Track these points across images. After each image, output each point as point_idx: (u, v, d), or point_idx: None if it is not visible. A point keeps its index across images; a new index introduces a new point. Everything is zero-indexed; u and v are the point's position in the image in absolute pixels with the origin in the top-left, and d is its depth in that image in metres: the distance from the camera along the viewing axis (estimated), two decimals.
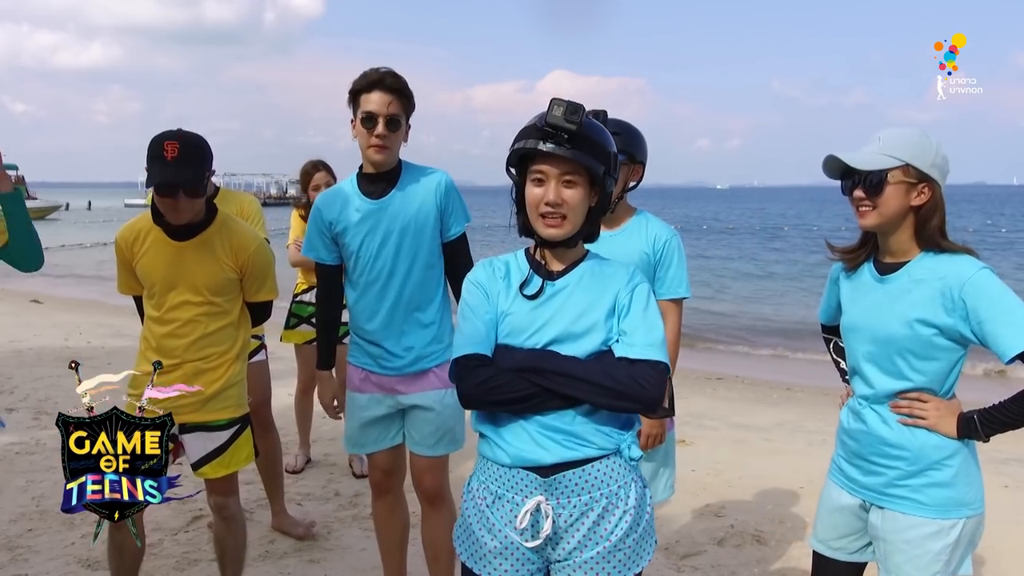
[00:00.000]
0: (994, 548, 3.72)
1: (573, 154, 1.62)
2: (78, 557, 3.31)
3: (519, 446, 1.64)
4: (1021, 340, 1.71)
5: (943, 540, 1.85)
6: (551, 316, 1.67)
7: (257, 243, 2.58)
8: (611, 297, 1.69)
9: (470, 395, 1.66)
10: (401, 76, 2.51)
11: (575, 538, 1.65)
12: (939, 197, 1.86)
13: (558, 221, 1.66)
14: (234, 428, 2.57)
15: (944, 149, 1.87)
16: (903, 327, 1.84)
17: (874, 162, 1.85)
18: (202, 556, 3.35)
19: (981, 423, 1.82)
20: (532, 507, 1.61)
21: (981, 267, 1.80)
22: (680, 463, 5.01)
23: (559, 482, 1.63)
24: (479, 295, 1.74)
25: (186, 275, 2.46)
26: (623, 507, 1.66)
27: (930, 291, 1.82)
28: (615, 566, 1.65)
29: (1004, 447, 5.54)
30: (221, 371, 2.53)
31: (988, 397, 1.98)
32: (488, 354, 1.67)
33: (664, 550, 3.61)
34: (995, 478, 4.82)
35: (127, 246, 2.50)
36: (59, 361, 7.28)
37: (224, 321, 2.53)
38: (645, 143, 2.63)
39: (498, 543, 1.67)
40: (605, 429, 1.65)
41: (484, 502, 1.70)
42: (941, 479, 1.85)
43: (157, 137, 2.35)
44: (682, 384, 7.82)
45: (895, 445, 1.89)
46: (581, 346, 1.65)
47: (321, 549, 3.51)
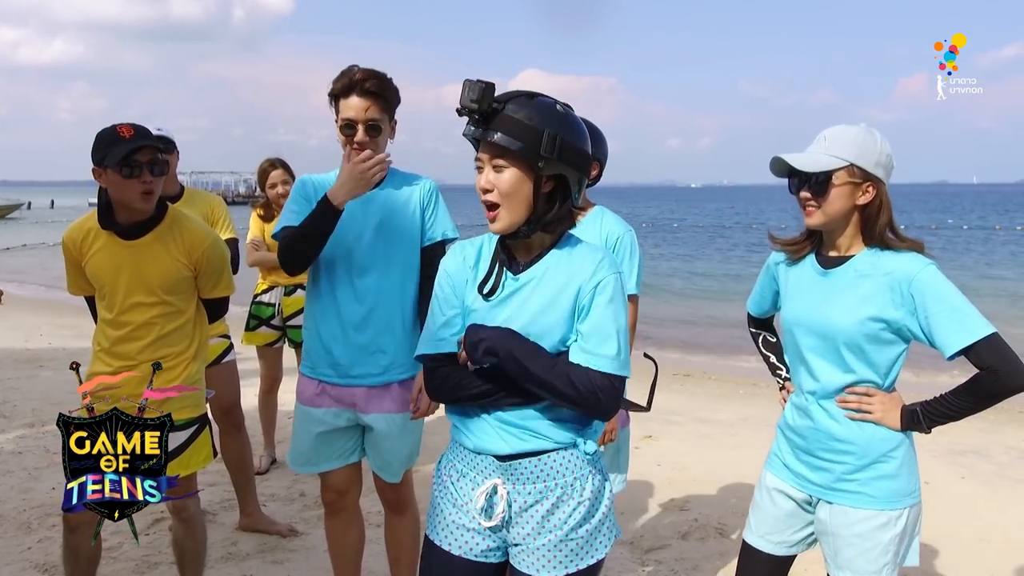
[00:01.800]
0: (951, 539, 3.81)
1: (489, 135, 1.57)
2: (35, 562, 3.25)
3: (480, 436, 1.69)
4: (963, 337, 1.75)
5: (892, 530, 1.88)
6: (509, 315, 1.66)
7: (211, 239, 2.53)
8: (572, 294, 1.64)
9: (439, 394, 1.72)
10: (381, 76, 2.37)
11: (529, 524, 1.68)
12: (884, 195, 1.88)
13: (493, 212, 1.62)
14: (192, 428, 2.52)
15: (889, 147, 1.89)
16: (849, 320, 1.86)
17: (819, 163, 1.86)
18: (162, 559, 3.30)
19: (924, 416, 1.86)
20: (489, 488, 1.67)
21: (928, 263, 1.82)
22: (646, 458, 5.09)
23: (516, 468, 1.67)
24: (448, 288, 1.74)
25: (139, 275, 2.41)
26: (577, 498, 1.68)
27: (877, 286, 1.84)
28: (567, 555, 1.67)
29: (962, 439, 5.68)
30: (178, 371, 2.48)
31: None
32: (450, 351, 1.70)
33: (629, 544, 3.64)
34: (953, 469, 4.94)
35: (75, 246, 2.44)
36: (19, 363, 7.12)
37: (180, 321, 2.49)
38: (603, 141, 2.60)
39: (463, 517, 1.72)
40: (562, 425, 1.67)
41: (450, 479, 1.76)
42: (887, 471, 1.89)
43: (106, 128, 2.32)
44: (647, 379, 7.88)
45: (843, 440, 1.91)
46: (542, 342, 1.64)
47: (285, 550, 3.48)
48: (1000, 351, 1.76)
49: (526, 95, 1.59)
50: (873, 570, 1.89)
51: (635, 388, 2.16)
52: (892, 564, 1.89)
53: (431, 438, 2.78)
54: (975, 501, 4.40)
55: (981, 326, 1.76)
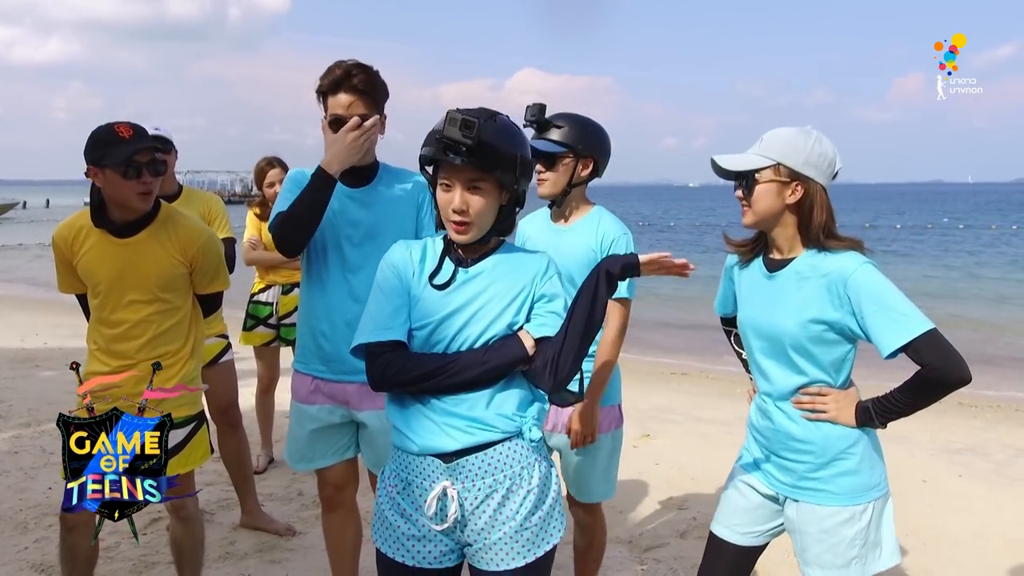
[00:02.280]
0: (948, 537, 3.82)
1: (472, 163, 1.65)
2: (31, 562, 3.24)
3: (425, 435, 1.69)
4: (899, 336, 1.77)
5: (856, 525, 1.90)
6: (462, 303, 1.73)
7: (206, 234, 2.53)
8: (526, 283, 1.75)
9: (379, 380, 1.71)
10: (368, 70, 2.35)
11: (482, 520, 1.69)
12: (816, 195, 1.87)
13: (463, 228, 1.70)
14: (191, 426, 2.53)
15: (826, 147, 1.88)
16: (793, 324, 1.88)
17: (744, 163, 1.90)
18: (160, 559, 3.29)
19: (876, 412, 1.88)
20: (439, 492, 1.67)
21: (863, 262, 1.83)
22: (644, 457, 5.09)
23: (462, 467, 1.68)
24: (393, 278, 1.77)
25: (134, 273, 2.40)
26: (527, 487, 1.71)
27: (816, 288, 1.86)
28: (523, 544, 1.70)
29: (958, 438, 5.70)
30: (176, 369, 2.48)
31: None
32: (396, 338, 1.71)
33: (627, 543, 3.65)
34: (950, 468, 4.95)
35: (66, 245, 2.42)
36: (14, 363, 7.10)
37: (176, 318, 2.48)
38: (597, 135, 2.54)
39: (413, 528, 1.72)
40: (506, 413, 1.71)
41: (395, 489, 1.75)
42: (848, 467, 1.91)
43: (103, 127, 2.30)
44: (646, 379, 7.91)
45: (802, 440, 1.93)
46: (489, 330, 1.71)
47: (283, 549, 3.47)
48: (938, 347, 1.77)
49: (489, 116, 1.68)
50: (840, 564, 1.91)
51: (632, 389, 2.17)
52: (860, 558, 1.91)
53: None
54: (972, 499, 4.40)
55: (916, 324, 1.77)
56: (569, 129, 2.47)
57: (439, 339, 1.72)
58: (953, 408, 6.94)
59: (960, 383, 1.78)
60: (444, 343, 1.72)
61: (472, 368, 1.67)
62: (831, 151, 1.89)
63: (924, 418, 7.04)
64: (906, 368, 1.85)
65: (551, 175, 2.49)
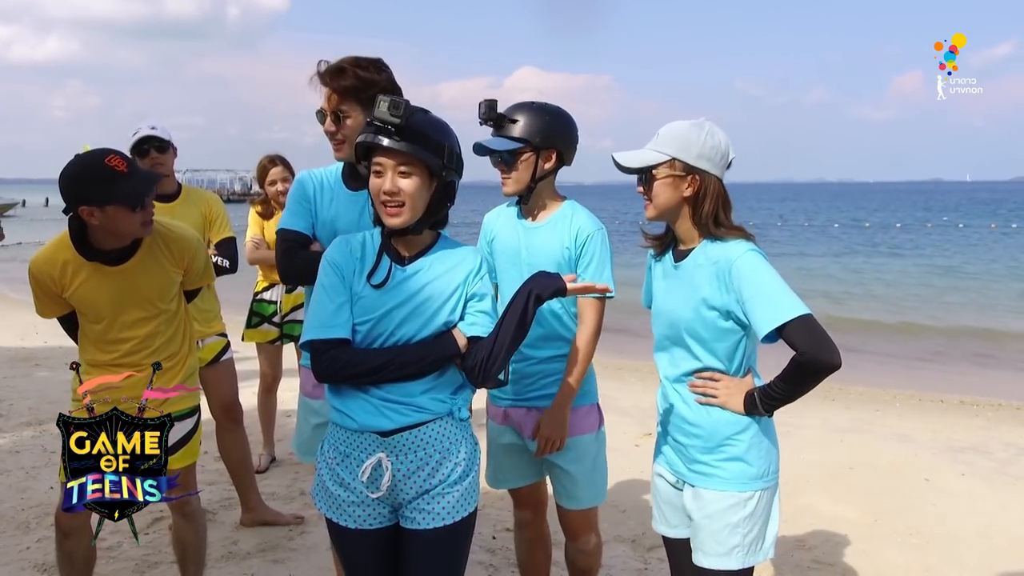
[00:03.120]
0: (952, 536, 3.82)
1: (401, 145, 1.76)
2: (33, 562, 3.23)
3: (364, 416, 1.82)
4: (771, 319, 1.80)
5: (740, 512, 1.93)
6: (400, 301, 1.84)
7: (195, 240, 2.56)
8: (459, 282, 1.88)
9: (326, 375, 1.82)
10: (362, 69, 2.27)
11: (413, 488, 1.85)
12: (710, 186, 1.93)
13: (397, 210, 1.80)
14: (194, 417, 2.58)
15: (720, 140, 1.94)
16: (689, 310, 1.95)
17: (641, 159, 1.96)
18: (162, 558, 3.29)
19: (760, 400, 1.92)
20: (374, 462, 1.81)
21: (747, 249, 1.88)
22: (646, 456, 5.03)
23: (398, 441, 1.82)
24: (334, 277, 1.86)
25: (135, 296, 2.38)
26: (454, 460, 1.87)
27: (707, 275, 1.92)
28: (446, 508, 1.85)
29: (960, 436, 5.70)
30: (179, 367, 2.52)
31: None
32: (342, 336, 1.81)
33: (631, 542, 3.64)
34: (952, 466, 4.94)
35: (52, 280, 2.33)
36: (13, 362, 7.10)
37: (177, 320, 2.52)
38: (556, 123, 2.37)
39: (351, 495, 1.86)
40: (440, 396, 1.85)
41: (334, 461, 1.88)
42: (735, 453, 1.95)
43: (90, 163, 2.18)
44: (647, 377, 7.89)
45: (693, 423, 1.99)
46: (426, 327, 1.84)
47: (286, 549, 3.47)
48: (807, 331, 1.79)
49: (420, 109, 1.82)
50: (722, 551, 1.93)
51: (633, 388, 2.16)
52: (743, 548, 1.93)
53: None
54: (975, 498, 4.40)
55: (788, 308, 1.80)
56: (525, 122, 2.33)
57: (379, 334, 1.83)
58: (955, 407, 6.94)
59: (830, 368, 1.79)
60: (383, 338, 1.83)
61: (411, 365, 1.81)
62: (723, 143, 1.95)
63: (926, 417, 7.07)
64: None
65: (512, 174, 2.37)
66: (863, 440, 5.53)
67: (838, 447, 5.31)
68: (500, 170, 2.40)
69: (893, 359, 9.33)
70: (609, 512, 3.97)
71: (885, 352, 9.63)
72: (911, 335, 10.99)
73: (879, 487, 4.53)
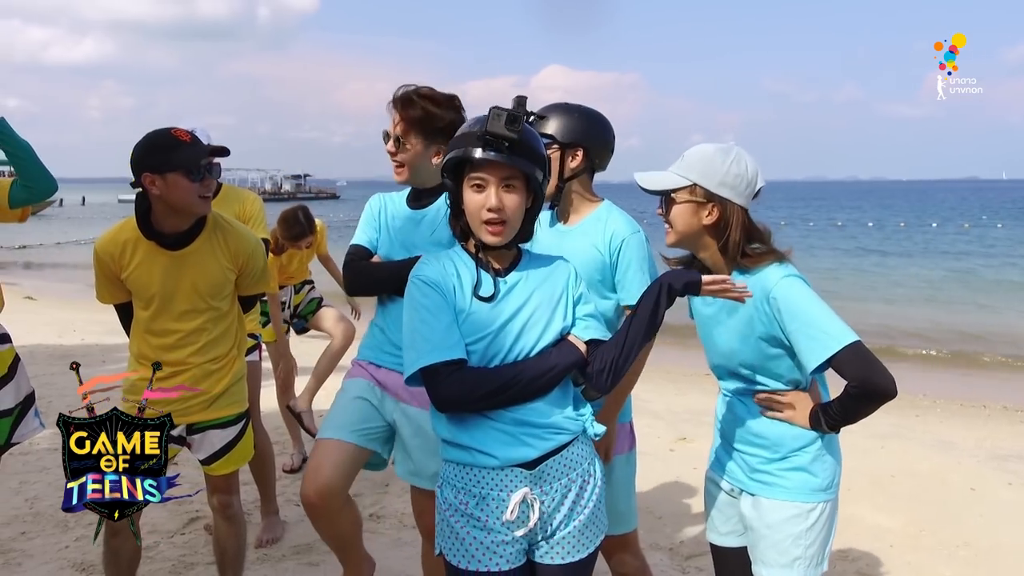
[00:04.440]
0: (1002, 547, 3.70)
1: (514, 161, 1.67)
2: (72, 561, 3.25)
3: (503, 449, 1.68)
4: (818, 352, 1.75)
5: (803, 523, 1.89)
6: (513, 312, 1.73)
7: (255, 242, 2.55)
8: (563, 287, 1.79)
9: (451, 400, 1.69)
10: (430, 102, 2.37)
11: (557, 519, 1.74)
12: (732, 215, 1.85)
13: (500, 228, 1.70)
14: (242, 423, 2.58)
15: (744, 167, 1.85)
16: (737, 342, 1.90)
17: (661, 182, 1.88)
18: (199, 559, 3.29)
19: (824, 418, 1.87)
20: (519, 499, 1.68)
21: (782, 276, 1.81)
22: (682, 461, 5.00)
23: (543, 472, 1.71)
24: (435, 296, 1.72)
25: (187, 284, 2.39)
26: (593, 481, 1.78)
27: (747, 308, 1.85)
28: (588, 537, 1.76)
29: (1006, 443, 5.54)
30: (226, 369, 2.51)
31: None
32: (460, 356, 1.68)
33: (668, 551, 3.57)
34: (998, 475, 4.80)
35: (112, 260, 2.38)
36: (52, 359, 7.21)
37: (226, 322, 2.51)
38: (584, 123, 2.32)
39: (494, 536, 1.71)
40: (570, 413, 1.75)
41: (466, 506, 1.72)
42: (800, 463, 1.91)
43: (158, 133, 2.29)
44: (680, 380, 7.80)
45: (757, 434, 1.95)
46: (544, 337, 1.74)
47: (320, 551, 3.45)
48: (857, 361, 1.74)
49: (515, 102, 1.73)
50: (783, 562, 1.89)
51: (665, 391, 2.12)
52: (805, 560, 1.89)
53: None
54: (1020, 507, 4.26)
55: (834, 339, 1.74)
56: (551, 120, 2.30)
57: (496, 351, 1.71)
58: (998, 413, 6.76)
59: (884, 398, 1.76)
60: (502, 355, 1.71)
61: (540, 377, 1.70)
62: (750, 171, 1.86)
63: (969, 424, 6.91)
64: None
65: None
66: (905, 447, 5.40)
67: (879, 454, 5.18)
68: None
69: (932, 363, 9.13)
70: (645, 519, 3.90)
71: (923, 356, 9.43)
72: (950, 339, 10.74)
73: (923, 496, 4.41)
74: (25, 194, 2.58)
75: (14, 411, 2.59)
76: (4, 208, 2.57)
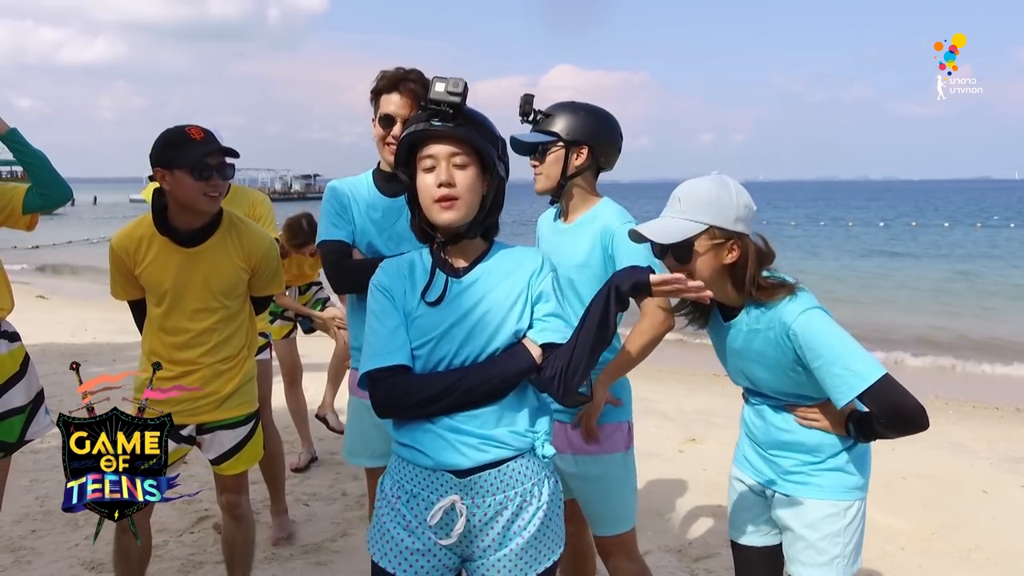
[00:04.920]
0: (1015, 551, 3.66)
1: (460, 131, 1.61)
2: (82, 559, 3.26)
3: (438, 452, 1.62)
4: (846, 391, 1.73)
5: (841, 521, 1.88)
6: (460, 315, 1.65)
7: (268, 243, 2.55)
8: (523, 285, 1.68)
9: (385, 406, 1.64)
10: (423, 78, 2.35)
11: (490, 536, 1.64)
12: (749, 249, 1.81)
13: (451, 203, 1.62)
14: (252, 423, 2.58)
15: (745, 194, 1.81)
16: (760, 371, 1.89)
17: (676, 232, 1.78)
18: (207, 558, 3.30)
19: (857, 431, 1.87)
20: (447, 505, 1.61)
21: (801, 311, 1.76)
22: (690, 462, 4.98)
23: (475, 483, 1.62)
24: (384, 301, 1.69)
25: (200, 282, 2.40)
26: (536, 504, 1.66)
27: (766, 340, 1.83)
28: (527, 561, 1.66)
29: (1018, 445, 5.50)
30: (237, 369, 2.52)
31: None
32: (400, 362, 1.62)
33: (677, 552, 3.55)
34: (1011, 478, 4.76)
35: (128, 255, 2.40)
36: (64, 358, 7.25)
37: (237, 322, 2.51)
38: (590, 120, 2.31)
39: (416, 541, 1.65)
40: (519, 429, 1.65)
41: (399, 500, 1.67)
42: (837, 464, 1.90)
43: (174, 129, 2.30)
44: (689, 381, 7.77)
45: (794, 441, 1.93)
46: (493, 341, 1.64)
47: (328, 551, 3.46)
48: (885, 398, 1.73)
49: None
50: (822, 561, 1.87)
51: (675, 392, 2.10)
52: (843, 558, 1.87)
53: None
54: None
55: (860, 379, 1.72)
56: (557, 117, 2.31)
57: (441, 356, 1.64)
58: (1011, 415, 6.70)
59: (915, 430, 1.75)
60: (447, 360, 1.64)
61: (480, 386, 1.61)
62: (749, 197, 1.83)
63: (981, 426, 6.85)
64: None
65: (543, 168, 2.33)
66: (916, 449, 5.34)
67: (890, 456, 5.13)
68: (533, 166, 2.36)
69: (944, 365, 9.06)
70: (654, 520, 3.89)
71: (935, 357, 9.36)
72: (960, 340, 10.66)
73: (935, 499, 4.37)
74: (40, 201, 2.60)
75: (26, 409, 2.61)
76: (16, 214, 2.59)
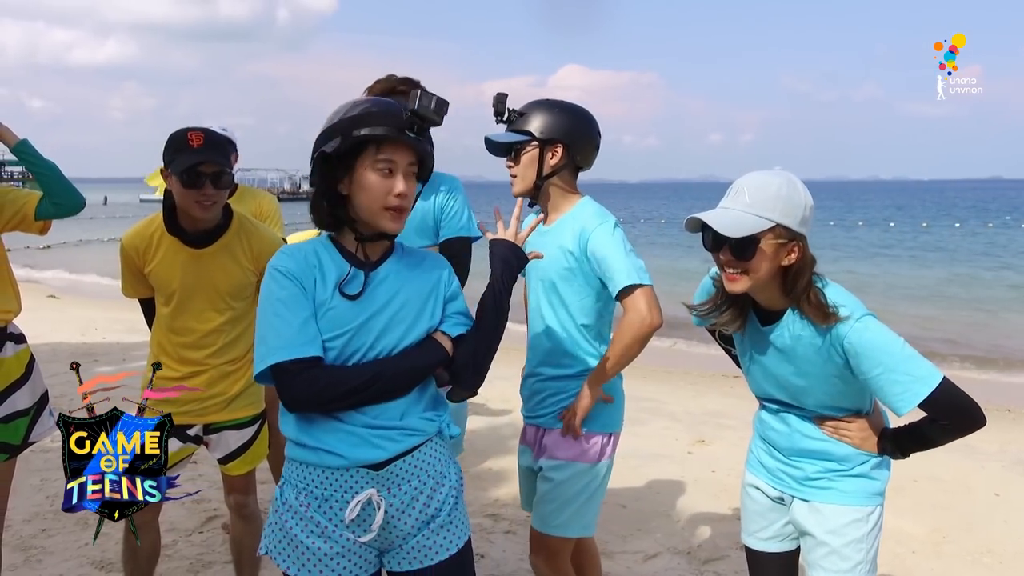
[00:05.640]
0: None
1: (422, 147, 1.64)
2: (92, 558, 3.28)
3: (351, 450, 1.60)
4: (909, 399, 1.69)
5: (863, 527, 1.86)
6: (378, 308, 1.64)
7: (277, 244, 2.54)
8: (435, 282, 1.73)
9: (304, 400, 1.57)
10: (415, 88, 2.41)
11: (408, 522, 1.66)
12: (807, 253, 1.74)
13: (402, 215, 1.64)
14: (257, 423, 2.59)
15: (810, 196, 1.75)
16: (801, 380, 1.83)
17: (743, 226, 1.68)
18: (216, 558, 3.31)
19: (896, 447, 1.85)
20: (363, 500, 1.60)
21: (856, 319, 1.70)
22: (699, 464, 4.96)
23: (391, 472, 1.63)
24: (293, 288, 1.61)
25: (207, 283, 2.41)
26: (448, 484, 1.71)
27: (811, 349, 1.77)
28: (446, 538, 1.69)
29: None
30: (243, 371, 2.51)
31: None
32: (315, 354, 1.57)
33: (686, 554, 3.54)
34: (1023, 479, 4.72)
35: (137, 254, 2.42)
36: (74, 357, 7.22)
37: (244, 323, 2.51)
38: (564, 118, 2.24)
39: (334, 545, 1.63)
40: (427, 414, 1.69)
41: (308, 508, 1.63)
42: (861, 471, 1.88)
43: (179, 131, 2.30)
44: (697, 382, 7.75)
45: (821, 451, 1.89)
46: (409, 335, 1.66)
47: None
48: (948, 401, 1.70)
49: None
50: (846, 568, 1.84)
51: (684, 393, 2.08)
52: (866, 564, 1.85)
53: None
54: None
55: (923, 384, 1.68)
56: (530, 116, 2.25)
57: (356, 349, 1.62)
58: (1023, 418, 6.64)
59: (976, 429, 1.74)
60: (361, 352, 1.62)
61: (401, 377, 1.62)
62: (812, 198, 1.76)
63: (992, 427, 6.75)
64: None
65: (517, 170, 2.27)
66: (927, 452, 5.27)
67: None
68: (508, 167, 2.31)
69: (955, 366, 9.00)
70: (662, 522, 3.88)
71: (946, 359, 9.30)
72: (974, 342, 10.59)
73: (946, 502, 4.34)
74: (53, 210, 2.61)
75: (31, 411, 2.61)
76: (29, 220, 2.60)
